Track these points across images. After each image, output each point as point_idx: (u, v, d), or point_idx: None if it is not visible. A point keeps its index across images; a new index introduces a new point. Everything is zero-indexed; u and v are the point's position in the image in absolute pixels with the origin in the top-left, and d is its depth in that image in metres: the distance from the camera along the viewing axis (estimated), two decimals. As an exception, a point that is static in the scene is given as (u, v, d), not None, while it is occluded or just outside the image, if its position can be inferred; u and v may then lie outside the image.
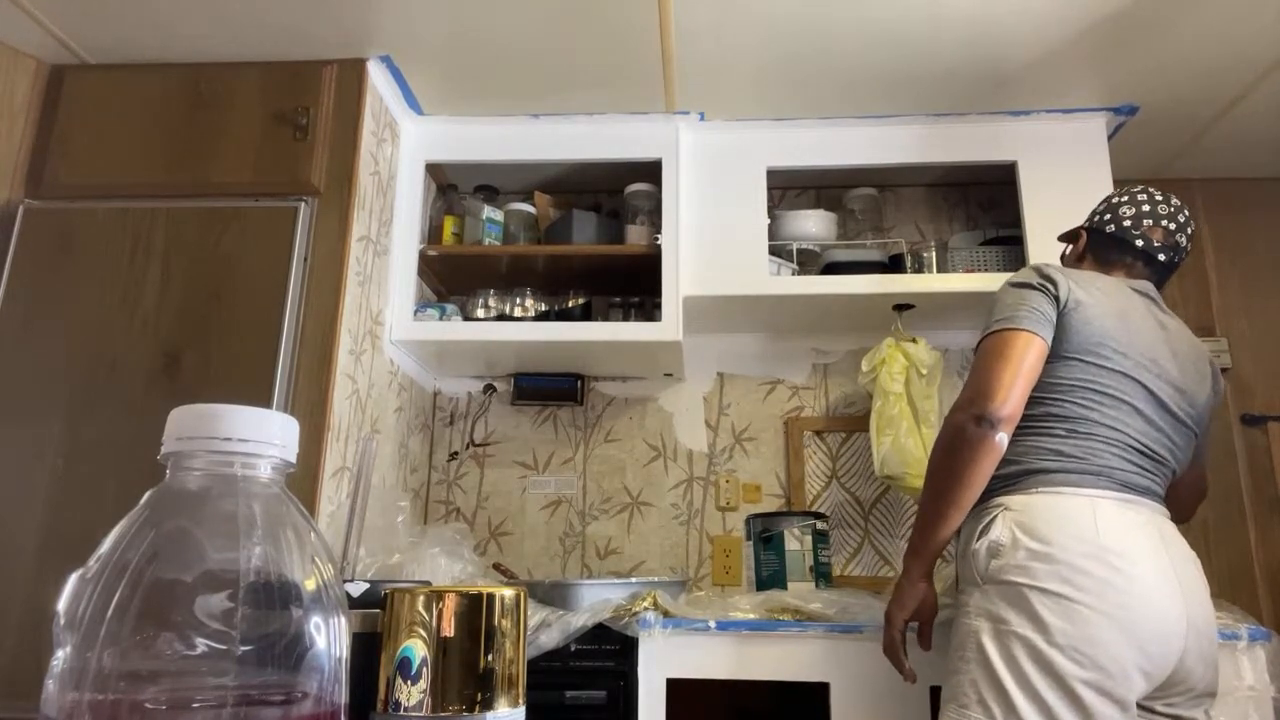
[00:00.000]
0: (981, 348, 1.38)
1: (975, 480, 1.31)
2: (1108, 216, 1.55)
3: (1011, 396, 1.30)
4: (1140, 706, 1.24)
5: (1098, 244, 1.56)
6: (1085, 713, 1.16)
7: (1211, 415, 1.50)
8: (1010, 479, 1.34)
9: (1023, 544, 1.26)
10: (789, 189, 2.46)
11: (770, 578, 1.87)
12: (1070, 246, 1.64)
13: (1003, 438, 1.30)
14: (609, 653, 1.60)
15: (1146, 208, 1.52)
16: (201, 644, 0.41)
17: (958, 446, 1.31)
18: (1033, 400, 1.35)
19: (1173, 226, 1.51)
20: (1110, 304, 1.40)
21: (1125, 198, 1.55)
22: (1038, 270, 1.42)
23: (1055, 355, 1.36)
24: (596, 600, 1.65)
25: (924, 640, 1.41)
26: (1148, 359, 1.38)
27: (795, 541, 1.87)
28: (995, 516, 1.31)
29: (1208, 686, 1.29)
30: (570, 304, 2.25)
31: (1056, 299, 1.38)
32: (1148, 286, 1.50)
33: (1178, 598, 1.23)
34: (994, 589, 1.26)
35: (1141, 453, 1.35)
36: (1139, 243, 1.51)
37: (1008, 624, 1.22)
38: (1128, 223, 1.52)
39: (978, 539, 1.31)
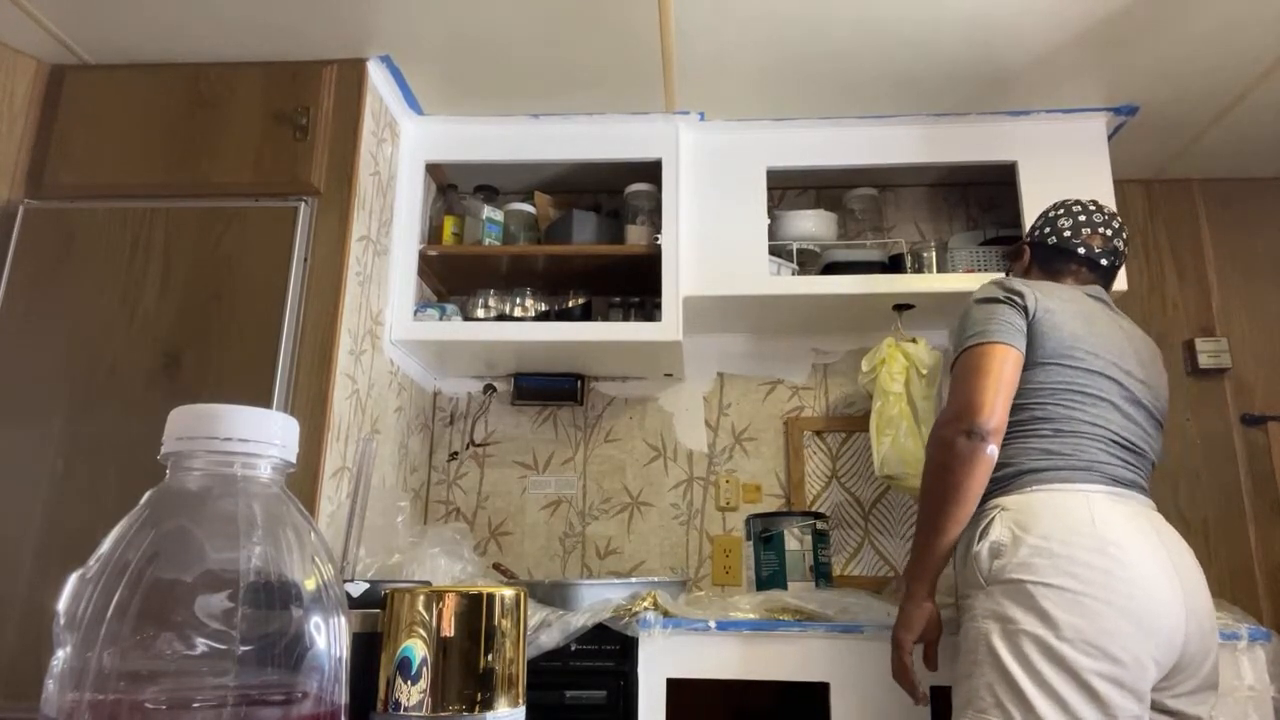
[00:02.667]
0: (959, 364, 1.42)
1: (970, 494, 1.33)
2: (1047, 230, 1.61)
3: (997, 409, 1.34)
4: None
5: (1042, 256, 1.61)
6: (1102, 705, 1.16)
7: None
8: (1004, 481, 1.37)
9: (1024, 541, 1.27)
10: (789, 189, 2.46)
11: (770, 578, 1.87)
12: (1014, 264, 1.68)
13: (993, 450, 1.33)
14: (609, 653, 1.60)
15: (1083, 217, 1.58)
16: (201, 644, 0.41)
17: (950, 462, 1.33)
18: (1016, 407, 1.38)
19: (1109, 232, 1.57)
20: (1075, 309, 1.45)
21: (1061, 210, 1.62)
22: (1001, 284, 1.47)
23: (1031, 362, 1.40)
24: (596, 600, 1.65)
25: (929, 660, 1.41)
26: (1116, 357, 1.42)
27: (795, 541, 1.87)
28: (993, 518, 1.33)
29: (1209, 677, 1.30)
30: (570, 304, 2.25)
31: (1025, 309, 1.42)
32: (1099, 291, 1.55)
33: (1176, 585, 1.25)
34: (999, 589, 1.26)
35: (1124, 447, 1.39)
36: (1081, 250, 1.56)
37: (1016, 623, 1.22)
38: (1067, 233, 1.58)
39: (978, 542, 1.32)
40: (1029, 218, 2.06)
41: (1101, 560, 1.22)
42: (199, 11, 1.78)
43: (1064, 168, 2.09)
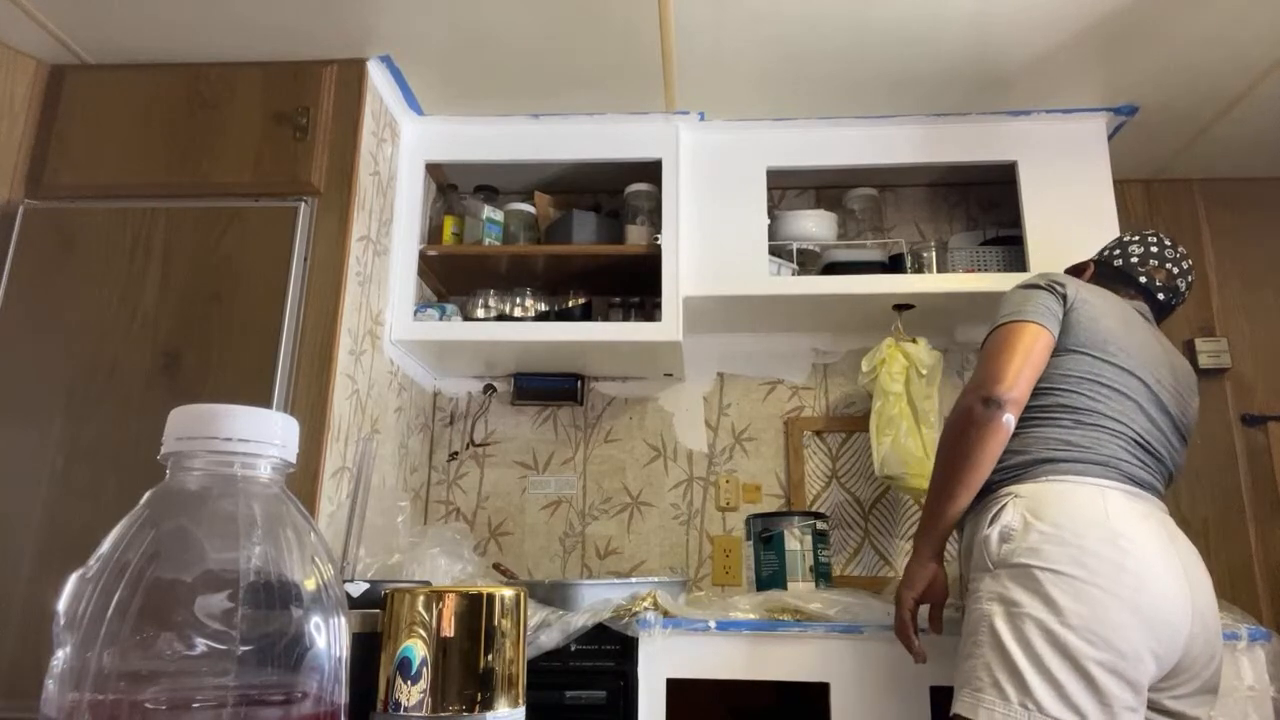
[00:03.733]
0: (989, 339, 1.44)
1: (983, 460, 1.34)
2: (1116, 252, 1.64)
3: (1019, 381, 1.35)
4: (1148, 703, 1.24)
5: (1103, 275, 1.63)
6: (1099, 693, 1.16)
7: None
8: (1019, 469, 1.37)
9: (1034, 527, 1.27)
10: (789, 189, 2.46)
11: (770, 578, 1.87)
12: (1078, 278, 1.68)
13: (1009, 419, 1.34)
14: (609, 653, 1.60)
15: (1155, 249, 1.61)
16: (201, 644, 0.41)
17: (965, 427, 1.35)
18: (1041, 391, 1.40)
19: (1175, 271, 1.59)
20: (1115, 310, 1.47)
21: (1136, 238, 1.64)
22: (1045, 275, 1.50)
23: (1062, 349, 1.42)
24: (596, 600, 1.65)
25: (934, 623, 1.42)
26: (1147, 361, 1.43)
27: (795, 541, 1.87)
28: (1005, 504, 1.34)
29: (1211, 680, 1.31)
30: (570, 304, 2.25)
31: (1064, 298, 1.44)
32: (1144, 308, 1.57)
33: (1184, 585, 1.25)
34: (1005, 572, 1.27)
35: (1144, 448, 1.39)
36: (1142, 279, 1.59)
37: (1020, 606, 1.22)
38: (1135, 260, 1.61)
39: (988, 526, 1.33)
40: (1029, 218, 2.06)
41: (1112, 552, 1.22)
42: (199, 11, 1.78)
43: (1064, 168, 2.09)
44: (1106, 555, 1.22)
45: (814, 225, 2.23)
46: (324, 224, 1.82)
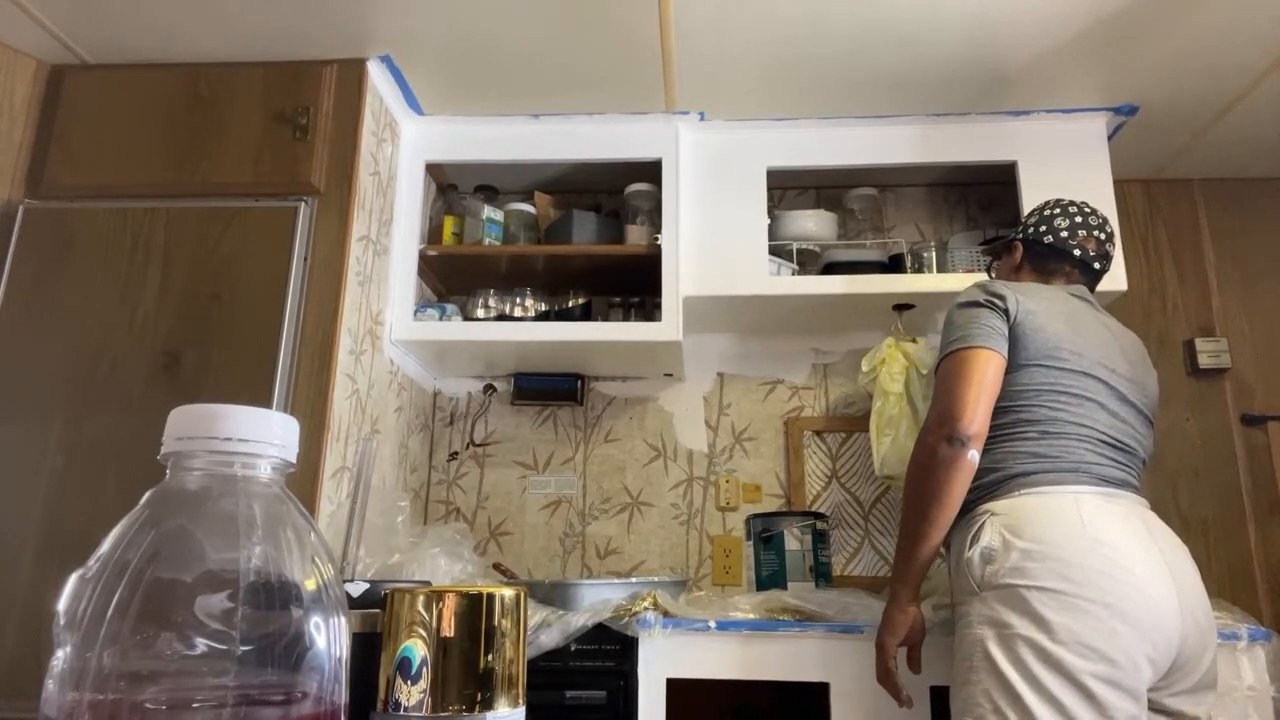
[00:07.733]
0: (941, 369, 1.42)
1: (952, 499, 1.34)
2: (1043, 228, 1.61)
3: (978, 414, 1.34)
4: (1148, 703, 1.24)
5: (1036, 254, 1.61)
6: (1099, 707, 1.16)
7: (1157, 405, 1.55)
8: (992, 485, 1.37)
9: (1014, 546, 1.27)
10: (789, 189, 2.46)
11: (770, 578, 1.87)
12: (1002, 259, 1.69)
13: (974, 455, 1.34)
14: (609, 653, 1.60)
15: (1079, 219, 1.59)
16: (201, 644, 0.41)
17: (932, 468, 1.35)
18: (1001, 410, 1.39)
19: (1102, 237, 1.58)
20: (1058, 309, 1.45)
21: (1058, 210, 1.62)
22: (983, 287, 1.47)
23: (1015, 365, 1.41)
24: (596, 600, 1.65)
25: (913, 664, 1.42)
26: (1101, 356, 1.43)
27: (795, 541, 1.87)
28: (983, 523, 1.33)
29: (1207, 676, 1.30)
30: (570, 304, 2.25)
31: (1006, 312, 1.42)
32: (1083, 290, 1.56)
33: (1169, 584, 1.25)
34: (992, 595, 1.27)
35: (1112, 446, 1.39)
36: (1076, 252, 1.57)
37: (1011, 628, 1.22)
38: (1064, 233, 1.58)
39: (969, 548, 1.33)
40: (1029, 218, 2.06)
41: (1094, 561, 1.22)
42: (199, 11, 1.78)
43: (1064, 168, 2.09)
44: (1090, 566, 1.22)
45: (814, 225, 2.23)
46: (324, 224, 1.82)
